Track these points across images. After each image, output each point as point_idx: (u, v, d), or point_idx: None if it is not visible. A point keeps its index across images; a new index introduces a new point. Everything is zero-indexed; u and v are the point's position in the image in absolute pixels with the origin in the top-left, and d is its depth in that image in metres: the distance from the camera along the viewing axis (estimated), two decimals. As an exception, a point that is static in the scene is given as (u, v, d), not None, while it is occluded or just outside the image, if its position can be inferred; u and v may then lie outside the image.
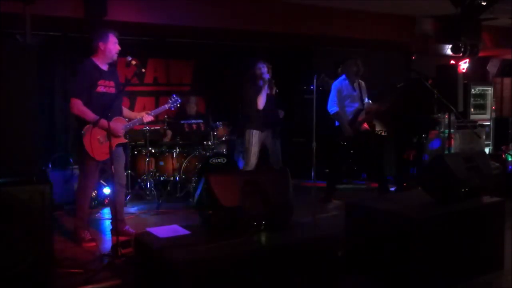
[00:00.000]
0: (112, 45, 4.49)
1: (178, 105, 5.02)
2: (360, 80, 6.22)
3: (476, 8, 7.03)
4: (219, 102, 7.82)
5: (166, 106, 4.94)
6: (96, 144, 4.40)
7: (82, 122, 4.38)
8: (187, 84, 8.04)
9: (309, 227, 3.95)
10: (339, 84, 6.13)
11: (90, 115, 4.35)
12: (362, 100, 6.14)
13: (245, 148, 5.82)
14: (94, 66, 4.48)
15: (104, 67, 4.54)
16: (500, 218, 3.97)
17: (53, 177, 5.86)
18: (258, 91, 5.61)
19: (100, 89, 4.46)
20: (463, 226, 3.66)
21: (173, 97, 4.98)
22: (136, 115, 4.81)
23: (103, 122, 4.31)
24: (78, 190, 4.69)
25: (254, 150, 5.70)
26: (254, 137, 5.71)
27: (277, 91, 5.94)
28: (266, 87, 5.63)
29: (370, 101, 6.20)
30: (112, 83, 4.56)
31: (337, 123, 6.12)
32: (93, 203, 5.81)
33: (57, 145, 6.74)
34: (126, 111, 4.86)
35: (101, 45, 4.47)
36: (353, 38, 7.74)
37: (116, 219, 4.61)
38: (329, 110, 6.11)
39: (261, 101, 5.61)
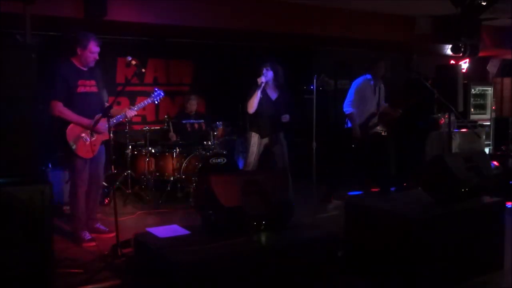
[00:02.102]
0: (89, 54, 4.45)
1: (161, 98, 4.95)
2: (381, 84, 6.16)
3: (476, 8, 7.02)
4: (219, 102, 7.83)
5: (149, 100, 4.90)
6: (81, 142, 4.43)
7: (64, 121, 4.39)
8: (187, 84, 8.04)
9: (309, 227, 3.95)
10: (362, 84, 6.02)
11: (72, 116, 4.38)
12: (378, 104, 6.07)
13: (246, 149, 5.77)
14: (71, 66, 4.46)
15: (84, 68, 4.53)
16: (500, 218, 3.97)
17: (53, 177, 5.86)
18: (251, 95, 5.51)
19: (81, 89, 4.45)
20: (463, 226, 3.66)
21: (156, 91, 4.93)
22: (120, 111, 4.75)
23: (85, 121, 4.39)
24: (70, 190, 4.69)
25: (253, 150, 5.62)
26: (253, 138, 5.64)
27: (285, 96, 5.74)
28: (259, 91, 5.49)
29: (387, 104, 6.14)
30: (93, 82, 4.56)
31: (349, 125, 6.06)
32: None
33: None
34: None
35: (79, 50, 4.45)
36: (353, 38, 7.74)
37: (89, 217, 4.69)
38: (345, 110, 6.03)
39: (252, 106, 5.49)
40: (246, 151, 5.74)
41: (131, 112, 4.72)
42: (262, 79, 5.48)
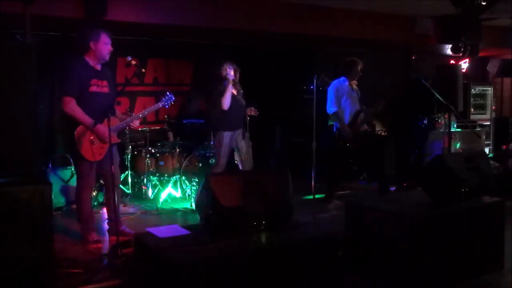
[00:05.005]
0: (103, 45, 4.35)
1: (172, 103, 4.88)
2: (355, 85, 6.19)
3: (476, 8, 7.03)
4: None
5: (160, 105, 4.80)
6: (88, 144, 4.32)
7: (74, 122, 4.28)
8: (187, 84, 8.05)
9: (309, 227, 3.95)
10: (338, 84, 6.06)
11: (82, 116, 4.26)
12: (360, 102, 6.11)
13: (216, 150, 5.66)
14: (85, 64, 4.37)
15: (97, 67, 4.44)
16: (500, 218, 3.97)
17: (53, 177, 5.86)
18: (222, 92, 5.48)
19: (93, 88, 4.34)
20: (463, 226, 3.66)
21: (167, 95, 4.85)
22: (124, 117, 4.68)
23: (88, 121, 4.28)
24: (76, 192, 4.62)
25: (224, 151, 5.56)
26: (226, 138, 5.55)
27: (242, 91, 5.75)
28: (230, 87, 5.48)
29: (365, 106, 6.17)
30: (105, 83, 4.46)
31: (336, 125, 6.08)
32: (93, 204, 5.80)
33: (57, 145, 6.75)
34: (117, 112, 4.77)
35: (92, 44, 4.34)
36: (353, 38, 7.74)
37: (112, 219, 4.61)
38: (328, 111, 6.05)
39: (225, 102, 5.46)
40: (217, 152, 5.60)
41: (136, 123, 4.66)
42: (232, 76, 5.51)
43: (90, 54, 4.39)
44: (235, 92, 5.67)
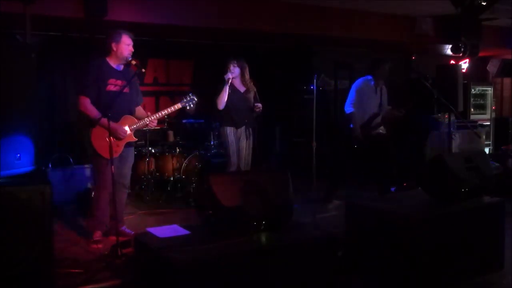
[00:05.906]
0: (124, 46, 4.45)
1: (192, 105, 4.91)
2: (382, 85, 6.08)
3: (476, 8, 7.03)
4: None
5: (180, 105, 4.85)
6: (104, 142, 4.35)
7: (90, 120, 4.36)
8: (187, 84, 8.05)
9: (309, 227, 3.95)
10: (363, 84, 5.93)
11: (92, 111, 4.33)
12: (380, 105, 6.00)
13: (224, 148, 5.68)
14: (105, 65, 4.45)
15: (118, 67, 4.51)
16: (500, 218, 3.97)
17: (53, 177, 5.86)
18: (219, 91, 5.50)
19: (110, 88, 4.42)
20: (463, 226, 3.66)
21: (189, 96, 4.89)
22: (142, 116, 4.72)
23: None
24: (95, 189, 4.68)
25: (232, 149, 5.56)
26: (230, 135, 5.57)
27: (255, 89, 5.72)
28: (226, 88, 5.48)
29: (390, 107, 6.09)
30: (125, 83, 4.50)
31: (352, 125, 5.98)
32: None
33: (57, 145, 6.74)
34: (139, 111, 4.79)
35: (113, 45, 4.44)
36: (353, 38, 7.74)
37: (114, 218, 4.61)
38: (346, 110, 5.96)
39: (219, 102, 5.48)
40: (226, 152, 5.62)
41: (154, 122, 4.72)
42: (228, 76, 5.50)
43: (112, 55, 4.49)
44: (241, 90, 5.66)
